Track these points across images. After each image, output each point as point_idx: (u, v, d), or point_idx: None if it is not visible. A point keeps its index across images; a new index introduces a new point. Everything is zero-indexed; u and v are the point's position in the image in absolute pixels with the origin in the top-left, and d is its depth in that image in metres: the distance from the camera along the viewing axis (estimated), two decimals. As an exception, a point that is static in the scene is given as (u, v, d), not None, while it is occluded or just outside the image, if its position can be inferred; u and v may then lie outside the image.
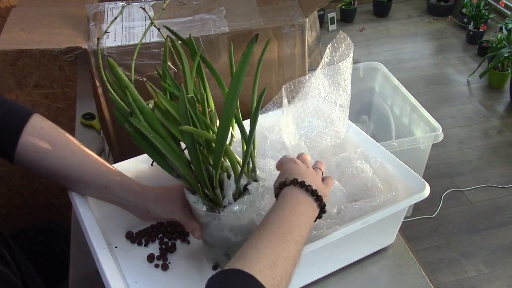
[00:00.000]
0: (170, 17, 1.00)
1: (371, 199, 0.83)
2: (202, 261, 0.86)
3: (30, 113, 0.81)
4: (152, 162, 0.76)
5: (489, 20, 3.33)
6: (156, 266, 0.86)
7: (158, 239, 0.91)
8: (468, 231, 2.09)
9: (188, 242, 0.90)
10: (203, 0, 1.03)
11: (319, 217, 0.73)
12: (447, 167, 2.40)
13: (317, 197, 0.71)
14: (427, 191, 0.84)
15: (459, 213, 2.17)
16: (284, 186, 0.72)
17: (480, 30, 3.25)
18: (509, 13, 3.25)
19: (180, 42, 0.80)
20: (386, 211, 0.81)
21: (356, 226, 0.78)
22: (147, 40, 0.94)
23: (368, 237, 0.86)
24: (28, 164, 0.80)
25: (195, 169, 0.73)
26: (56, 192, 1.86)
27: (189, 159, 0.74)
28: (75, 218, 0.88)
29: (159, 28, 0.80)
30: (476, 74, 2.94)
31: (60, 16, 0.99)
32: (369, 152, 0.93)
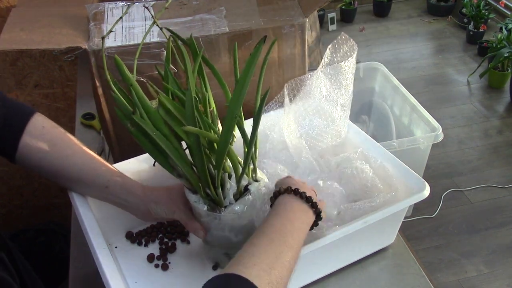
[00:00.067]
0: (170, 17, 1.00)
1: (371, 199, 0.83)
2: (202, 261, 0.86)
3: (31, 112, 0.81)
4: (154, 162, 0.76)
5: (489, 20, 3.33)
6: (156, 266, 0.86)
7: (158, 239, 0.91)
8: (468, 231, 2.09)
9: (188, 242, 0.90)
10: (203, 0, 1.03)
11: (316, 224, 0.73)
12: (447, 167, 2.40)
13: (312, 203, 0.71)
14: (427, 191, 0.84)
15: (459, 213, 2.17)
16: (279, 195, 0.72)
17: (480, 30, 3.25)
18: (509, 13, 3.25)
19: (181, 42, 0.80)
20: (386, 211, 0.81)
21: (356, 226, 0.78)
22: (147, 40, 0.94)
23: (368, 237, 0.86)
24: (29, 164, 0.80)
25: (198, 169, 0.73)
26: (56, 192, 1.86)
27: (190, 159, 0.74)
28: (75, 218, 0.87)
29: (161, 28, 0.80)
30: (476, 74, 2.94)
31: (60, 16, 0.99)
32: (369, 152, 0.93)
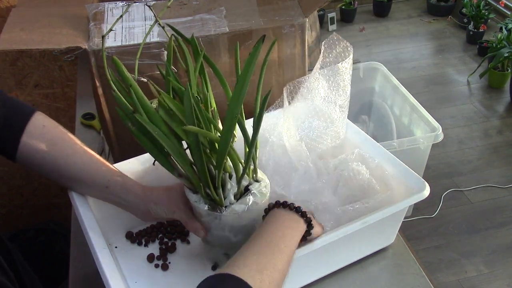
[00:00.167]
0: (170, 17, 1.00)
1: (366, 200, 0.84)
2: (202, 261, 0.86)
3: (32, 111, 0.81)
4: (154, 161, 0.76)
5: (489, 20, 3.33)
6: (156, 266, 0.86)
7: (158, 239, 0.91)
8: (468, 231, 2.09)
9: (188, 242, 0.90)
10: (203, 0, 1.03)
11: (308, 234, 0.74)
12: (447, 167, 2.40)
13: (301, 213, 0.73)
14: (427, 191, 0.84)
15: (459, 213, 2.17)
16: (269, 210, 0.75)
17: (480, 30, 3.25)
18: (509, 13, 3.25)
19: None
20: (386, 211, 0.81)
21: (356, 226, 0.78)
22: (147, 40, 0.94)
23: (368, 237, 0.86)
24: (29, 163, 0.80)
25: (198, 169, 0.73)
26: (56, 192, 1.86)
27: (191, 159, 0.74)
28: (75, 218, 0.87)
29: (163, 27, 0.80)
30: (476, 74, 2.94)
31: (60, 16, 0.99)
32: (368, 153, 0.93)
